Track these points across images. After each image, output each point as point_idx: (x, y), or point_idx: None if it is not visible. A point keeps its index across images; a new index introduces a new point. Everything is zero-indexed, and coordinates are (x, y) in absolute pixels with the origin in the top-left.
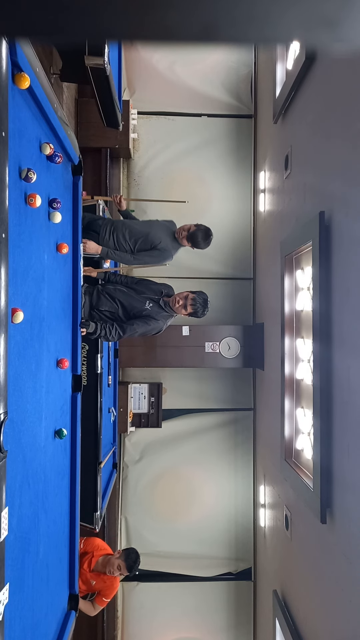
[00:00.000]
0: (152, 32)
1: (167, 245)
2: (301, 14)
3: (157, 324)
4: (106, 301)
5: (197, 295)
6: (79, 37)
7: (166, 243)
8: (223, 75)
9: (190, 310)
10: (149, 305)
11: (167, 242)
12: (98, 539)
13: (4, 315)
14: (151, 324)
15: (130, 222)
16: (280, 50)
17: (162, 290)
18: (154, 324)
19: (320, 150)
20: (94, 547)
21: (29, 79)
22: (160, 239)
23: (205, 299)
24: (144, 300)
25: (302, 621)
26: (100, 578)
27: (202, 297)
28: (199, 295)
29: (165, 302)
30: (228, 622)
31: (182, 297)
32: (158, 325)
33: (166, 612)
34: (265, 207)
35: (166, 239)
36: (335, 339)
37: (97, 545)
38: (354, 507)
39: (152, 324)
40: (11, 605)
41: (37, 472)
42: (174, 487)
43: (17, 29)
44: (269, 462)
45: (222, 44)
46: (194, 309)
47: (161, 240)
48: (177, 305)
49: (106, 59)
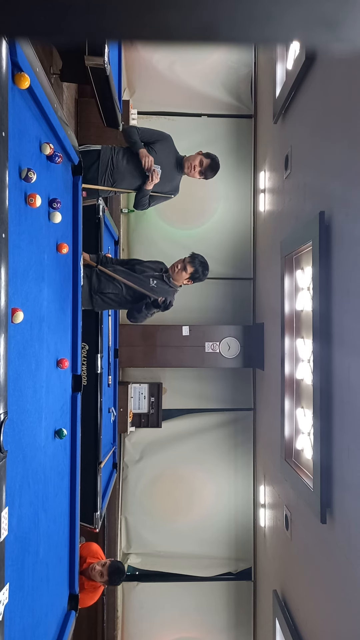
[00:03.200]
0: (152, 32)
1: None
2: (301, 14)
3: (164, 303)
4: (108, 283)
5: (192, 257)
6: (79, 37)
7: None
8: (223, 75)
9: (190, 269)
10: (154, 282)
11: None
12: (96, 545)
13: (4, 315)
14: (169, 298)
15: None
16: (280, 50)
17: (162, 267)
18: (162, 303)
19: (320, 150)
20: (89, 553)
21: (29, 79)
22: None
23: (202, 261)
24: (147, 279)
25: (302, 621)
26: (82, 583)
27: (199, 258)
28: (194, 257)
29: (168, 276)
30: (228, 622)
31: (179, 262)
32: (170, 300)
33: (166, 612)
34: (265, 207)
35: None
36: (335, 339)
37: (93, 552)
38: (354, 507)
39: (170, 298)
40: (11, 605)
41: (37, 472)
42: (174, 487)
43: (17, 29)
44: (269, 462)
45: (222, 44)
46: (193, 266)
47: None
48: (176, 270)
49: (106, 59)
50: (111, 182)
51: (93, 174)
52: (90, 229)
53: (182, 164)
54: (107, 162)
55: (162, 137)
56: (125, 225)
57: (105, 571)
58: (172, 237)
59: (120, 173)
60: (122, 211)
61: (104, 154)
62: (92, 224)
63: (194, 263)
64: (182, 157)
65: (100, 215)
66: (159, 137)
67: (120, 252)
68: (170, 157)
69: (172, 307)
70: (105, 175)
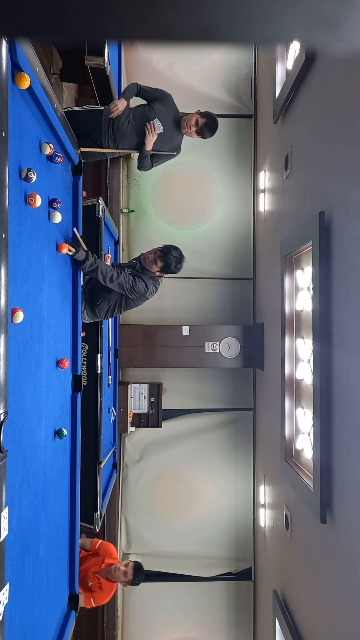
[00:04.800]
0: (153, 32)
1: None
2: (301, 14)
3: (140, 284)
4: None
5: (163, 251)
6: (79, 37)
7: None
8: (223, 75)
9: (160, 263)
10: (132, 276)
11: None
12: (112, 546)
13: (4, 315)
14: (137, 283)
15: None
16: (280, 50)
17: (136, 262)
18: (139, 283)
19: (320, 150)
20: (107, 553)
21: (29, 79)
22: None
23: (175, 255)
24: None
25: (302, 621)
26: (99, 582)
27: (173, 253)
28: (165, 252)
29: (141, 267)
30: (228, 622)
31: (150, 253)
32: (140, 285)
33: (166, 612)
34: (265, 207)
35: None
36: (335, 339)
37: (111, 552)
38: (354, 507)
39: (138, 283)
40: (11, 605)
41: (37, 472)
42: (174, 487)
43: (17, 29)
44: (269, 462)
45: (222, 44)
46: (163, 261)
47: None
48: (147, 262)
49: (106, 59)
50: (114, 140)
51: (96, 133)
52: (90, 229)
53: (180, 124)
54: (109, 121)
55: (162, 95)
56: (125, 225)
57: (129, 571)
58: (172, 237)
59: (121, 132)
60: (122, 211)
61: (105, 112)
62: (92, 224)
63: (163, 258)
64: (181, 116)
65: (100, 215)
66: (159, 95)
67: (120, 252)
68: (170, 116)
69: (172, 307)
70: (107, 135)
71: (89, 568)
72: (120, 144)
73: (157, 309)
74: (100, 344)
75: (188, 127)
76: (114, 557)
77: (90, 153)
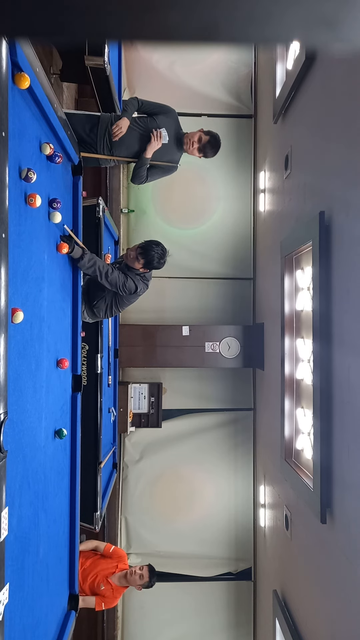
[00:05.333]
0: (153, 32)
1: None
2: (301, 14)
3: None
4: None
5: (144, 248)
6: (79, 37)
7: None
8: (223, 75)
9: (142, 260)
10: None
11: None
12: (122, 551)
13: (4, 315)
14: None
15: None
16: (280, 50)
17: (121, 259)
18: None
19: (320, 150)
20: (121, 559)
21: (29, 79)
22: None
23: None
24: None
25: (302, 621)
26: (111, 587)
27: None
28: (146, 249)
29: (126, 264)
30: (228, 622)
31: (132, 250)
32: (129, 283)
33: (166, 612)
34: (265, 207)
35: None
36: (335, 339)
37: (121, 556)
38: (354, 507)
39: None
40: (11, 605)
41: (37, 472)
42: (174, 487)
43: (17, 29)
44: (269, 462)
45: (222, 44)
46: (145, 257)
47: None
48: (129, 259)
49: (106, 59)
50: (109, 147)
51: (92, 138)
52: (90, 229)
53: (182, 140)
54: (106, 127)
55: (166, 109)
56: (125, 225)
57: (145, 574)
58: (172, 237)
59: (119, 139)
60: (122, 211)
61: (103, 119)
62: (92, 224)
63: (144, 255)
64: (183, 133)
65: (100, 215)
66: (163, 109)
67: (120, 252)
68: (172, 131)
69: (172, 307)
70: (103, 141)
71: (101, 571)
72: (116, 152)
73: (157, 309)
74: (100, 344)
75: (190, 144)
76: (125, 563)
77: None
